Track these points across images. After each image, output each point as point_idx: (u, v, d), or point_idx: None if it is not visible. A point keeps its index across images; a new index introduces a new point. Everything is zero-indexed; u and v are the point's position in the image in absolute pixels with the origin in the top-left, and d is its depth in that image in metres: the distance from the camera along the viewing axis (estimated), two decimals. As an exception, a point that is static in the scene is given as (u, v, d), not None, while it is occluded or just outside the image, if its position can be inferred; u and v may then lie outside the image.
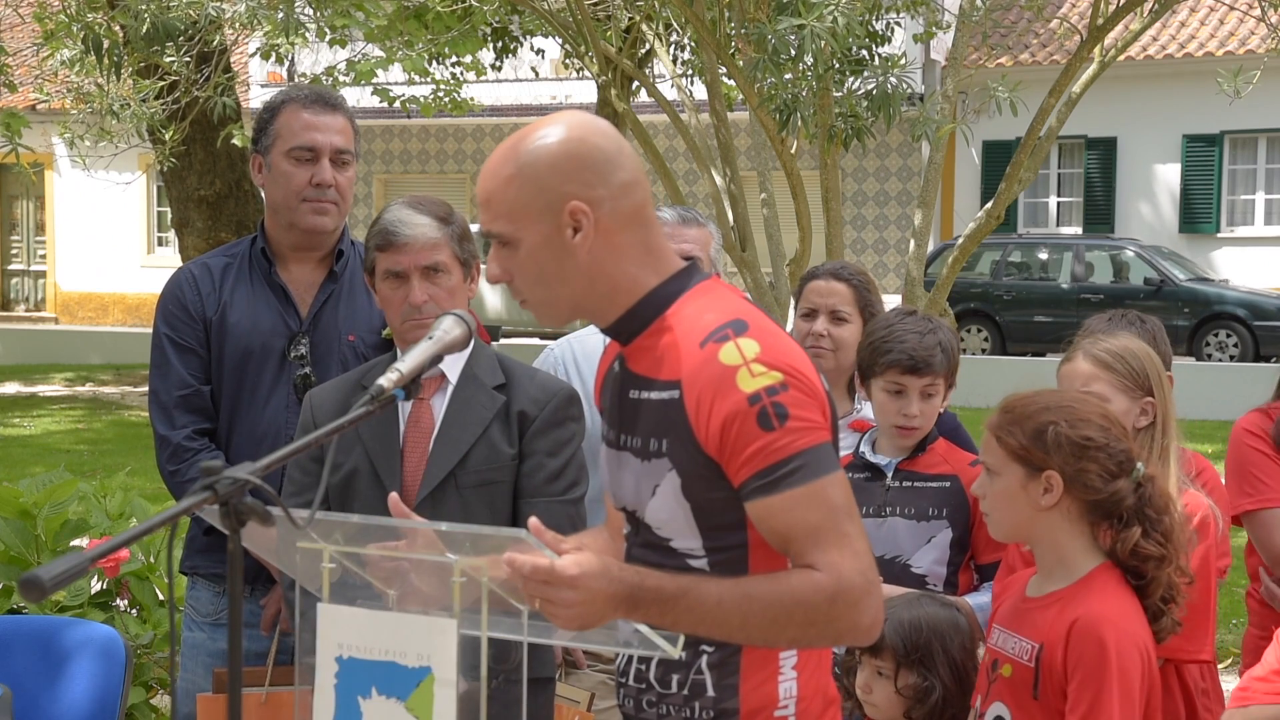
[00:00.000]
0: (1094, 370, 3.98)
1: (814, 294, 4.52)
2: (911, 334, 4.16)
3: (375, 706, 2.69)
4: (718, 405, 2.77)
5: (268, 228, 4.55)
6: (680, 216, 4.70)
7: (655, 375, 2.89)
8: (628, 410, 2.95)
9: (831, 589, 2.75)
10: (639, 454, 2.92)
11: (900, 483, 4.14)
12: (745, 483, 2.78)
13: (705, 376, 2.79)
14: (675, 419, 2.84)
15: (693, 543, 2.88)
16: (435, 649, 2.64)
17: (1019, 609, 3.55)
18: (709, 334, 2.82)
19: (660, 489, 2.88)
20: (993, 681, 3.53)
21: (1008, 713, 3.48)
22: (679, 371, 2.84)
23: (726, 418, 2.76)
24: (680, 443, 2.84)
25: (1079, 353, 4.05)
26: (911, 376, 4.11)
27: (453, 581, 2.63)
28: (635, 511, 2.96)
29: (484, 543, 2.65)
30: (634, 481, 2.95)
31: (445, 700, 2.62)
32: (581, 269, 2.87)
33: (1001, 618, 3.59)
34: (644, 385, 2.91)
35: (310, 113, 4.47)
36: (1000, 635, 3.55)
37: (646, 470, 2.91)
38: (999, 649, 3.54)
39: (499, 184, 2.88)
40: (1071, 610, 3.42)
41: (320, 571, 2.76)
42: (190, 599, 4.52)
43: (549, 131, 2.89)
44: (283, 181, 4.44)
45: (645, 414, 2.90)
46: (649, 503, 2.91)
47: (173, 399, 4.39)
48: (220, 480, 2.53)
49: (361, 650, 2.71)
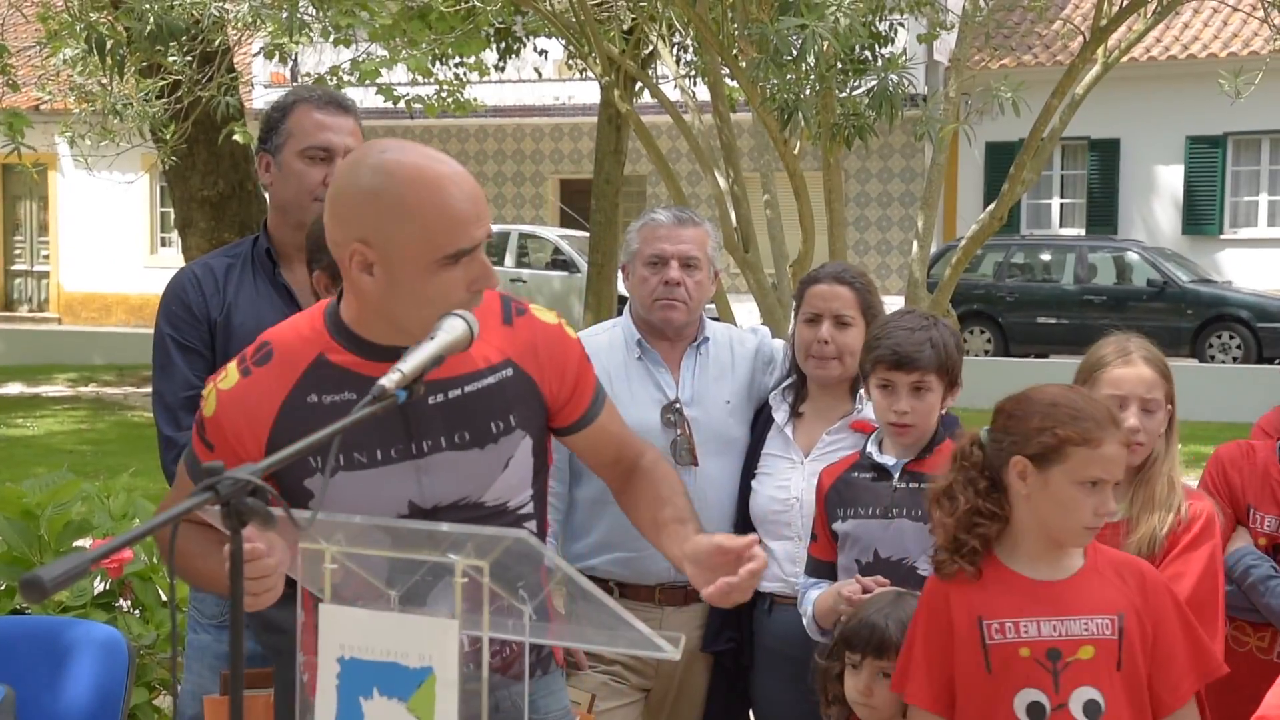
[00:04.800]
0: (1156, 377, 4.00)
1: (817, 299, 4.52)
2: (901, 330, 4.17)
3: (377, 707, 2.69)
4: (566, 354, 3.22)
5: (271, 228, 4.54)
6: (675, 218, 4.76)
7: (473, 368, 3.08)
8: (432, 416, 3.07)
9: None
10: (473, 444, 3.11)
11: (907, 484, 4.12)
12: (588, 409, 3.27)
13: (541, 339, 3.18)
14: (520, 389, 3.14)
15: (525, 493, 3.22)
16: (437, 649, 2.63)
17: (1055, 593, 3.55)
18: (504, 312, 3.18)
19: (514, 460, 3.15)
20: (1063, 670, 3.49)
21: (1099, 694, 3.48)
22: (503, 352, 3.13)
23: (576, 360, 3.23)
24: (528, 408, 3.16)
25: (1137, 358, 4.03)
26: (898, 372, 4.10)
27: (456, 581, 2.63)
28: (460, 501, 3.12)
29: (486, 543, 2.65)
30: (468, 473, 3.12)
31: (447, 700, 2.62)
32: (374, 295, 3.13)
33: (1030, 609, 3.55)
34: (460, 382, 3.08)
35: (324, 113, 4.46)
36: (1044, 624, 3.52)
37: (491, 454, 3.12)
38: (1057, 637, 3.51)
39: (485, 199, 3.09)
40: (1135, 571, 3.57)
41: (323, 572, 2.75)
42: (195, 601, 4.51)
43: None
44: (294, 181, 4.43)
45: (478, 403, 3.09)
46: (497, 479, 3.14)
47: (177, 400, 4.37)
48: (222, 481, 2.53)
49: (363, 651, 2.71)
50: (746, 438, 4.68)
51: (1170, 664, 3.55)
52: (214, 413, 3.10)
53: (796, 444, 4.53)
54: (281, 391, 3.09)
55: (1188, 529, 3.90)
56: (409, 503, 3.10)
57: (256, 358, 3.13)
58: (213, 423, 3.10)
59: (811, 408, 4.60)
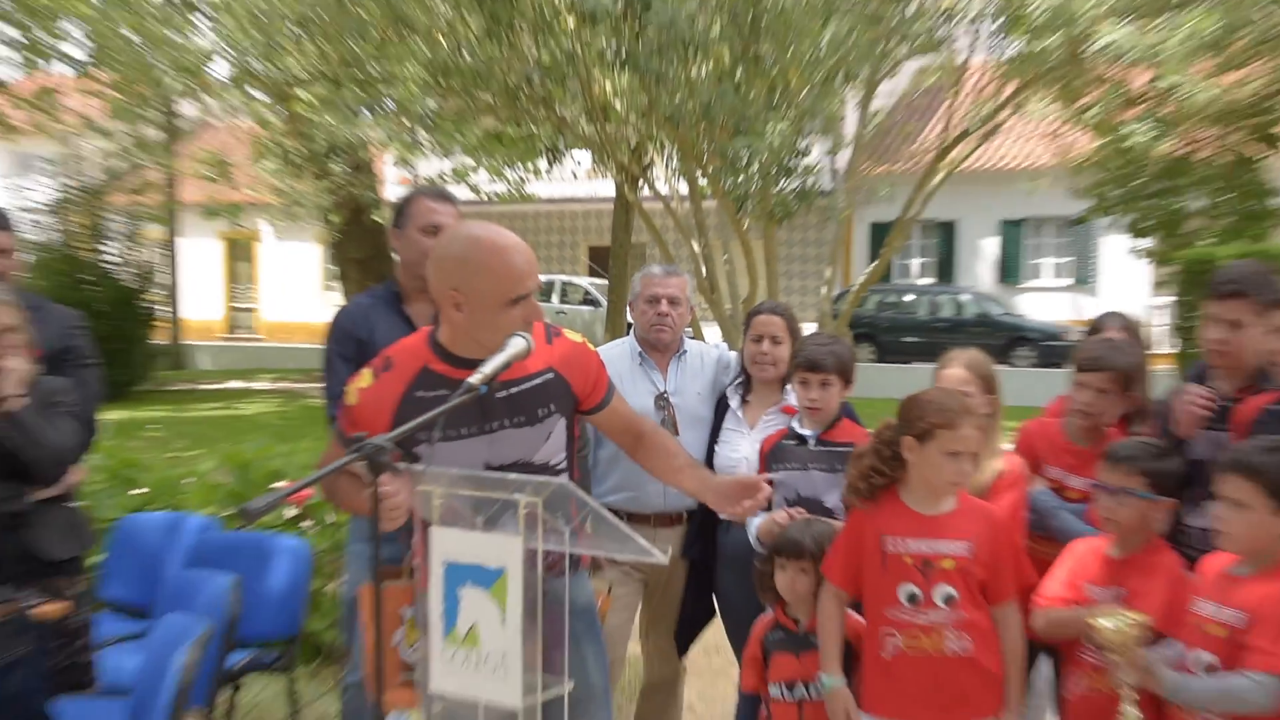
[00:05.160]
0: (967, 375, 3.99)
1: (760, 325, 4.52)
2: (813, 345, 4.21)
3: (469, 593, 2.69)
4: (589, 363, 3.23)
5: (399, 278, 4.53)
6: (665, 270, 4.85)
7: (526, 373, 3.11)
8: (497, 405, 3.09)
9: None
10: (528, 423, 3.12)
11: (820, 447, 4.12)
12: (603, 398, 3.26)
13: (570, 352, 3.20)
14: (558, 387, 3.16)
15: (563, 454, 3.21)
16: (508, 555, 2.63)
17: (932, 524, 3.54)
18: (546, 335, 3.19)
19: (552, 434, 3.15)
20: (931, 573, 3.48)
21: (954, 590, 3.48)
22: (546, 362, 3.15)
23: (595, 366, 3.24)
24: (563, 399, 3.17)
25: (955, 361, 4.03)
26: (810, 373, 4.13)
27: (519, 512, 2.62)
28: (519, 461, 3.12)
29: (539, 487, 2.65)
30: (520, 444, 3.12)
31: (515, 589, 2.62)
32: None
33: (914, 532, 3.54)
34: (518, 383, 3.11)
35: (434, 203, 4.46)
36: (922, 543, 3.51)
37: (536, 430, 3.13)
38: (929, 552, 3.50)
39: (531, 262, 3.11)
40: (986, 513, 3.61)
41: (433, 506, 2.75)
42: (353, 524, 4.50)
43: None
44: (415, 247, 4.41)
45: (524, 398, 3.12)
46: (542, 447, 3.14)
47: (339, 392, 4.37)
48: (366, 445, 2.60)
49: (459, 557, 2.71)
50: (711, 417, 4.67)
51: (1000, 576, 3.53)
52: (356, 403, 3.13)
53: (745, 421, 4.51)
54: (399, 389, 3.11)
55: (1005, 477, 3.90)
56: (484, 463, 3.10)
57: (382, 366, 3.17)
58: (355, 410, 3.13)
59: (755, 398, 4.58)
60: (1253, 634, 3.09)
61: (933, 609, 3.47)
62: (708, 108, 8.03)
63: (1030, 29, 7.75)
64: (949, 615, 3.47)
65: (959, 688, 3.47)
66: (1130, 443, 3.68)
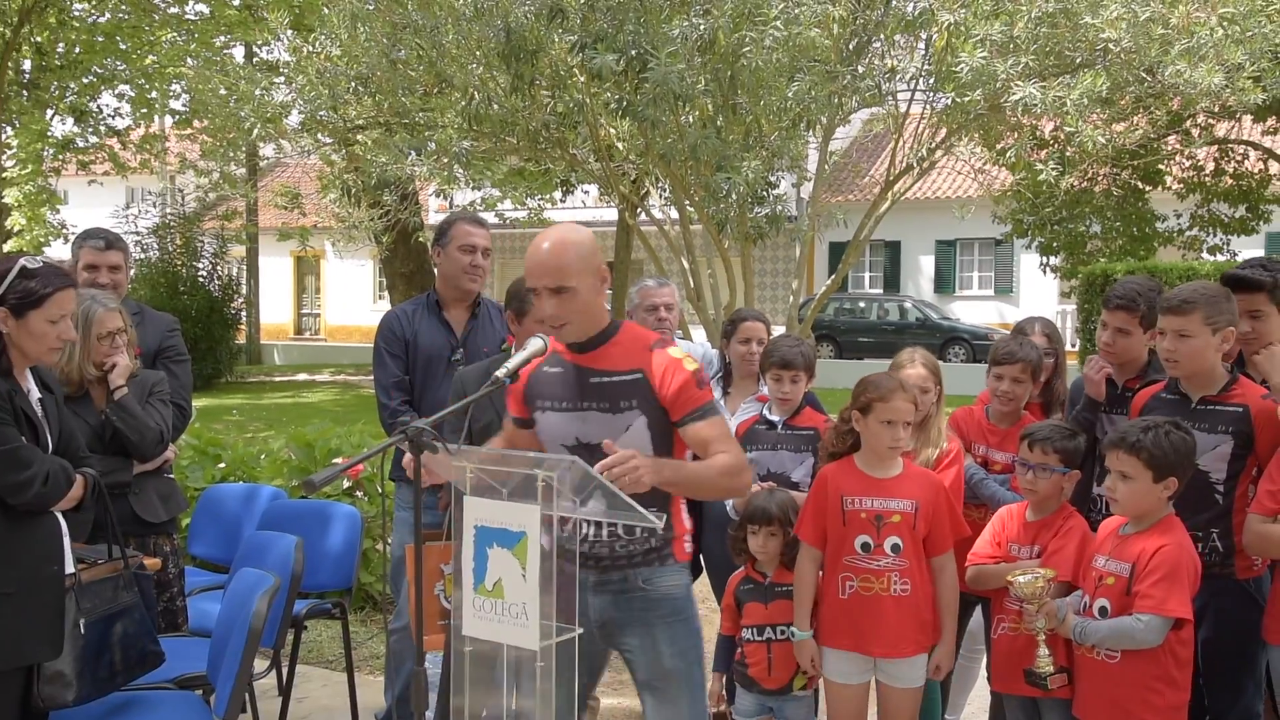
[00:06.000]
0: (926, 373, 3.96)
1: (748, 330, 4.49)
2: (784, 346, 4.15)
3: (496, 554, 2.65)
4: (676, 377, 2.84)
5: (439, 289, 4.52)
6: (659, 282, 4.83)
7: (617, 367, 2.88)
8: (592, 389, 2.90)
9: (736, 462, 2.86)
10: (609, 411, 2.86)
11: (786, 431, 4.09)
12: (686, 415, 2.84)
13: (663, 364, 2.86)
14: (641, 388, 2.85)
15: (648, 453, 2.81)
16: (529, 521, 2.60)
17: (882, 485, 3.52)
18: (650, 344, 2.90)
19: (632, 426, 2.86)
20: (882, 527, 3.47)
21: (900, 540, 3.47)
22: (638, 363, 2.87)
23: (682, 383, 2.83)
24: (645, 399, 2.85)
25: (916, 362, 3.99)
26: (782, 369, 4.07)
27: (538, 485, 2.59)
28: (598, 444, 2.81)
29: (555, 464, 2.61)
30: (602, 427, 2.87)
31: (535, 550, 2.58)
32: (594, 304, 2.90)
33: (868, 492, 3.52)
34: (607, 374, 2.88)
35: (470, 226, 4.46)
36: (875, 501, 3.50)
37: (616, 419, 2.86)
38: (880, 509, 3.49)
39: (571, 258, 2.85)
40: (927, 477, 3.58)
41: (466, 479, 2.71)
42: (398, 494, 4.48)
43: (578, 230, 2.93)
44: (454, 262, 4.41)
45: (612, 389, 2.88)
46: (622, 436, 2.84)
47: (389, 383, 4.35)
48: (410, 428, 2.59)
49: (488, 521, 2.67)
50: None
51: (939, 530, 3.52)
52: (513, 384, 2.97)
53: (726, 409, 4.47)
54: (534, 366, 3.00)
55: (947, 455, 3.87)
56: (575, 436, 2.91)
57: None
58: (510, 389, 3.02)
59: (735, 389, 4.54)
60: (1138, 582, 3.10)
61: (883, 556, 3.47)
62: (694, 149, 7.98)
63: (957, 85, 7.72)
64: (895, 562, 3.46)
65: (901, 624, 3.46)
66: (1044, 425, 3.67)
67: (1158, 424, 3.16)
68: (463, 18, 8.03)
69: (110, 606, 3.29)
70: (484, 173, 12.60)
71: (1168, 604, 3.04)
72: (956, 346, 23.06)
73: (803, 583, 3.61)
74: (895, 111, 9.10)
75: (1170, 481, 3.14)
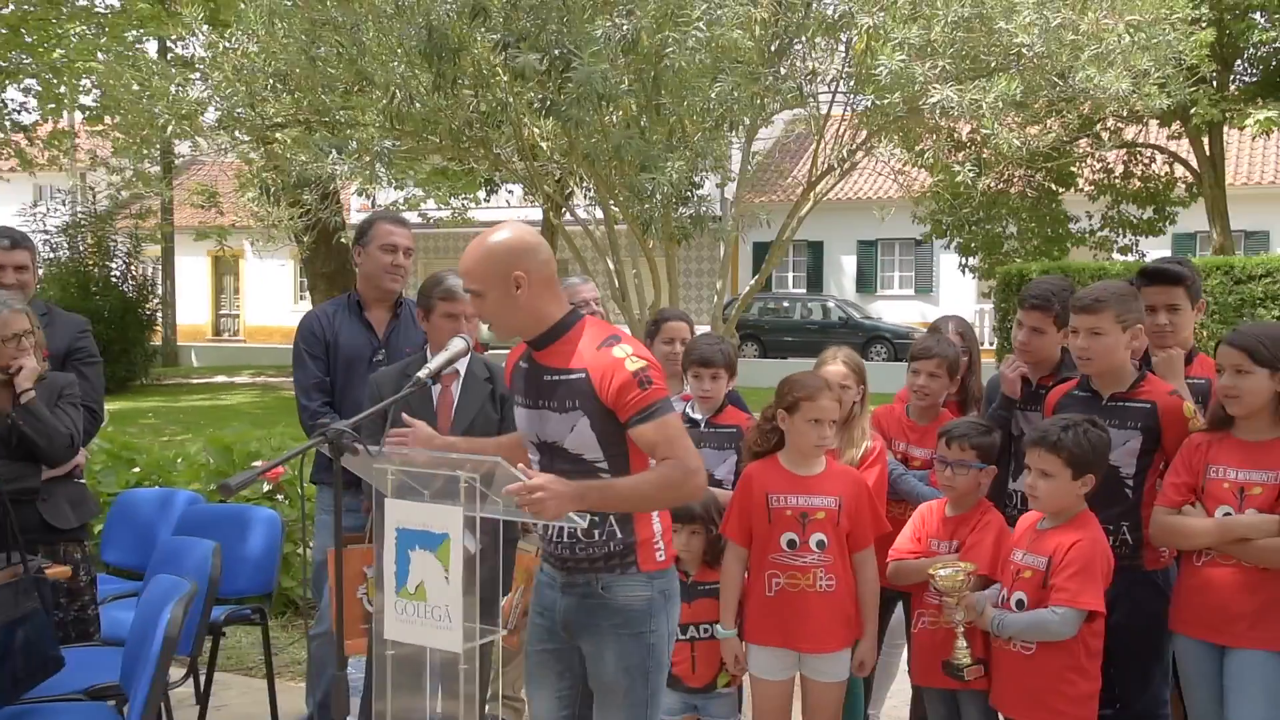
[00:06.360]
0: (846, 371, 3.98)
1: (672, 330, 4.49)
2: (704, 344, 4.16)
3: (418, 556, 2.63)
4: (616, 377, 2.72)
5: (360, 289, 4.48)
6: (582, 279, 4.88)
7: (565, 365, 2.81)
8: (544, 386, 2.84)
9: (681, 470, 2.72)
10: (556, 410, 2.81)
11: (709, 429, 4.09)
12: (631, 418, 2.72)
13: (604, 363, 2.74)
14: (584, 388, 2.75)
15: (597, 454, 2.77)
16: (450, 523, 2.58)
17: (807, 482, 3.55)
18: (601, 341, 2.79)
19: (576, 427, 2.77)
20: (807, 524, 3.50)
21: (825, 536, 3.50)
22: (584, 363, 2.77)
23: (622, 384, 2.71)
24: (588, 401, 2.75)
25: (839, 360, 4.01)
26: (702, 367, 4.08)
27: (460, 486, 2.57)
28: (555, 442, 2.82)
29: (479, 465, 2.59)
30: (552, 425, 2.82)
31: (457, 552, 2.57)
32: (521, 307, 2.81)
33: (792, 489, 3.55)
34: (557, 372, 2.82)
35: (392, 225, 4.44)
36: (800, 498, 3.53)
37: (563, 419, 2.78)
38: (805, 506, 3.52)
39: (477, 262, 2.82)
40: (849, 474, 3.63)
41: (387, 481, 2.69)
42: (319, 497, 4.42)
43: (505, 232, 2.86)
44: (375, 262, 4.38)
45: (560, 387, 2.80)
46: (568, 436, 2.78)
47: (309, 384, 4.30)
48: (330, 430, 2.57)
49: (409, 524, 2.64)
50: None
51: (860, 526, 3.56)
52: None
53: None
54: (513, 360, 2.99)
55: (871, 453, 3.89)
56: (536, 434, 2.85)
57: None
58: None
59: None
60: (1054, 575, 3.16)
61: (808, 553, 3.50)
62: (618, 149, 7.99)
63: (877, 88, 7.83)
64: (821, 558, 3.50)
65: (827, 619, 3.50)
66: (962, 422, 3.73)
67: (1076, 422, 3.21)
68: (383, 15, 7.94)
69: (11, 613, 3.19)
70: (406, 172, 12.50)
71: (1081, 597, 3.12)
72: (879, 345, 23.40)
73: (728, 581, 3.63)
74: (816, 113, 9.21)
75: (1088, 478, 3.20)
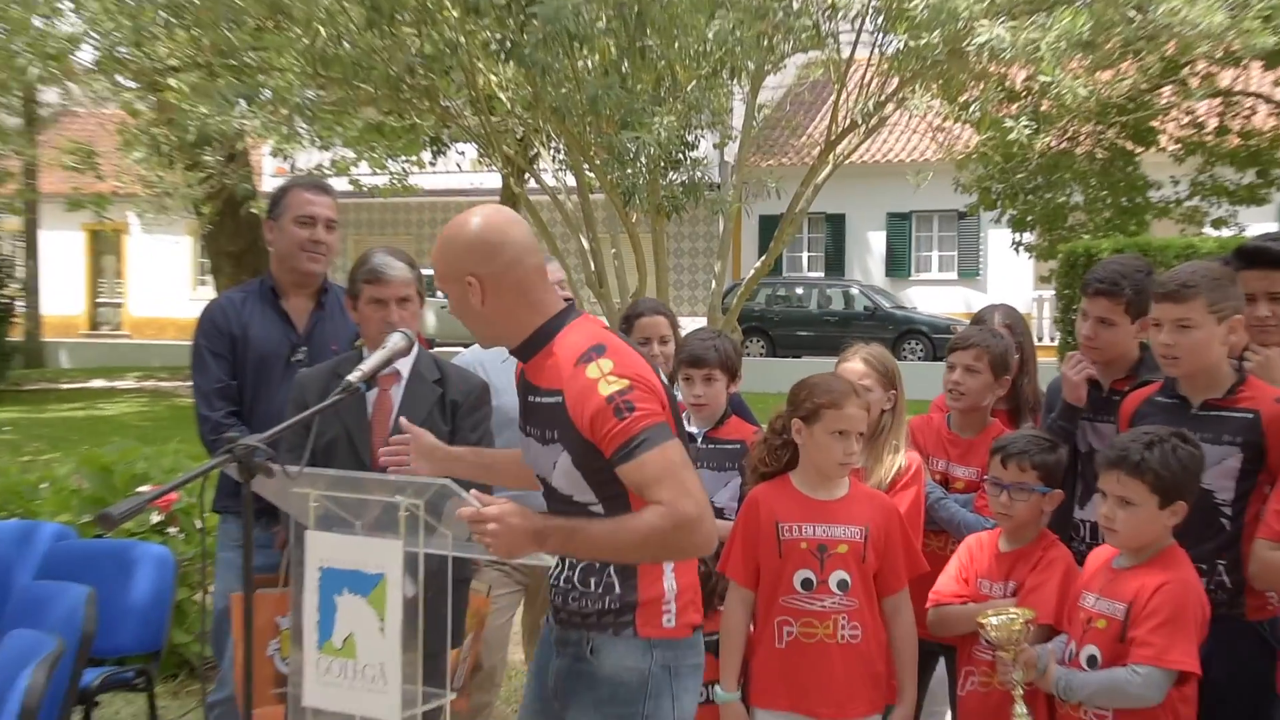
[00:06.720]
0: (866, 369, 3.96)
1: (647, 327, 4.49)
2: (696, 340, 4.16)
3: (346, 602, 2.63)
4: (588, 405, 2.68)
5: (274, 272, 4.49)
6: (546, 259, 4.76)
7: (545, 385, 2.80)
8: (530, 409, 2.86)
9: (671, 519, 2.64)
10: (539, 440, 2.82)
11: (707, 445, 4.08)
12: (612, 455, 2.67)
13: (577, 386, 2.70)
14: (560, 416, 2.73)
15: (589, 496, 2.76)
16: (388, 561, 2.57)
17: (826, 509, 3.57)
18: (579, 356, 2.74)
19: (558, 464, 2.77)
20: (826, 558, 3.50)
21: (848, 575, 3.49)
22: (561, 383, 2.74)
23: (594, 413, 2.67)
24: (566, 431, 2.73)
25: (858, 357, 4.01)
26: (693, 368, 4.08)
27: (400, 515, 2.56)
28: (544, 478, 2.86)
29: (421, 488, 2.59)
30: (539, 458, 2.84)
31: (395, 596, 2.56)
32: (483, 315, 2.82)
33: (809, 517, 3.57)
34: (539, 393, 2.82)
35: (310, 194, 4.46)
36: (817, 528, 3.54)
37: (546, 451, 2.79)
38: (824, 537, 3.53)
39: (437, 256, 2.84)
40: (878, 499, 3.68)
41: (308, 509, 2.69)
42: (223, 529, 4.40)
43: (467, 223, 2.84)
44: (290, 239, 4.39)
45: (541, 412, 2.80)
46: (552, 473, 2.79)
47: (211, 389, 4.30)
48: (237, 446, 2.59)
49: (336, 562, 2.64)
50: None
51: (893, 562, 3.56)
52: None
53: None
54: None
55: (906, 473, 3.88)
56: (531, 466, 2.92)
57: None
58: None
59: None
60: (1134, 626, 3.13)
61: (827, 594, 3.49)
62: (594, 100, 7.99)
63: (911, 25, 7.85)
64: (843, 601, 3.48)
65: (850, 678, 3.48)
66: (1019, 437, 3.73)
67: (1162, 437, 3.18)
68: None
69: None
70: (333, 128, 12.46)
71: (1170, 654, 3.08)
72: (913, 341, 23.49)
73: (730, 631, 3.61)
74: (837, 56, 9.24)
75: (1178, 506, 3.17)
